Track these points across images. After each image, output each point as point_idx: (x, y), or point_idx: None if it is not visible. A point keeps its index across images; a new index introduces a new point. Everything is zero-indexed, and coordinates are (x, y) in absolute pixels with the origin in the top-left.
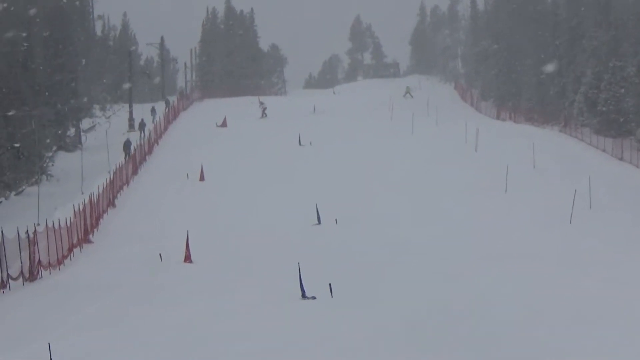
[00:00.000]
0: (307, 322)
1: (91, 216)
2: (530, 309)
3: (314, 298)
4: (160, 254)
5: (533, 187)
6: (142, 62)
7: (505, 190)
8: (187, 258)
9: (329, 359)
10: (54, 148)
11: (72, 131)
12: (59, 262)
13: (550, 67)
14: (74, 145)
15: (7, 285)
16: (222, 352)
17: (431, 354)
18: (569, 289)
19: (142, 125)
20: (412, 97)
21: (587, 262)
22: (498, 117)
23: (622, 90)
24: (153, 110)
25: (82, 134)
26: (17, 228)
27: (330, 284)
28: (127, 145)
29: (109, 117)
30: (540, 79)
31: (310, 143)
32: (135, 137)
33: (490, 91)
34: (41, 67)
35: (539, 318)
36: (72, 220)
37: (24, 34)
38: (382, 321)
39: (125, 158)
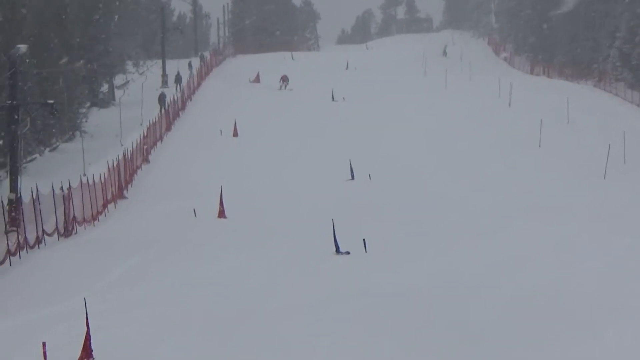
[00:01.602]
0: (341, 277)
1: (125, 172)
2: (563, 266)
3: (348, 253)
4: (194, 210)
5: (567, 142)
6: (174, 18)
7: (539, 145)
8: (221, 214)
9: (363, 314)
10: (88, 104)
11: (105, 87)
12: (94, 218)
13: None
14: (107, 101)
15: (43, 241)
16: (255, 307)
17: (465, 308)
18: (600, 246)
19: (178, 79)
20: (447, 55)
21: (621, 217)
22: (531, 72)
23: None
24: (190, 65)
25: (115, 89)
26: (52, 184)
27: (364, 239)
28: (161, 98)
29: (142, 73)
30: (573, 34)
31: (344, 99)
32: (170, 92)
33: (524, 46)
34: (74, 24)
35: (571, 277)
36: (106, 176)
37: None
38: (417, 276)
39: (160, 111)
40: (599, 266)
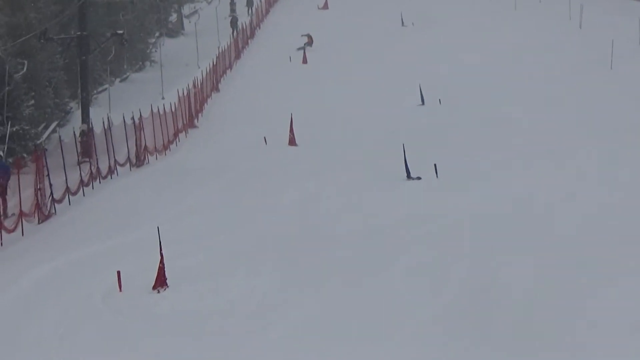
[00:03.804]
0: (414, 201)
1: (195, 101)
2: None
3: (419, 178)
4: (264, 138)
5: (638, 64)
6: None
7: (611, 67)
8: (292, 141)
9: (437, 236)
10: (157, 34)
11: (174, 17)
12: (165, 148)
13: None
14: (177, 30)
15: (115, 171)
16: (329, 231)
17: (540, 230)
18: None
19: (250, 2)
20: None
21: None
22: None
23: None
24: None
25: (183, 19)
26: (123, 114)
27: (435, 164)
28: (234, 21)
29: (210, 2)
30: None
31: (413, 24)
32: (241, 18)
33: None
34: None
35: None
36: (177, 105)
37: None
38: (489, 200)
39: (232, 34)
40: None
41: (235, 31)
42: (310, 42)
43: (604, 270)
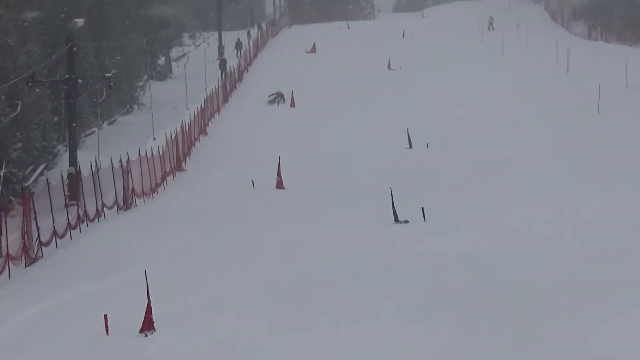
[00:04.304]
0: (401, 245)
1: (183, 144)
2: (623, 232)
3: (406, 222)
4: (252, 181)
5: (626, 108)
6: None
7: (598, 112)
8: (279, 184)
9: (423, 281)
10: (145, 77)
11: (162, 60)
12: (153, 191)
13: None
14: (165, 74)
15: (102, 214)
16: (316, 275)
17: (527, 272)
18: None
19: (238, 45)
20: (493, 29)
21: None
22: (589, 37)
23: None
24: (248, 34)
25: (172, 62)
26: (111, 157)
27: (422, 208)
28: (222, 63)
29: (198, 46)
30: None
31: (400, 67)
32: (230, 61)
33: (581, 11)
34: None
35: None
36: (164, 148)
37: None
38: (477, 243)
39: (221, 75)
40: None
41: (224, 73)
42: (280, 97)
43: (595, 312)
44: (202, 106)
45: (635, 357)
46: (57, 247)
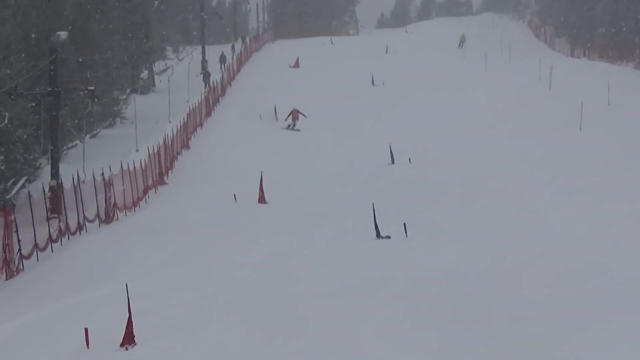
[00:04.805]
0: (382, 261)
1: (166, 158)
2: (606, 247)
3: (388, 237)
4: (234, 195)
5: (608, 125)
6: (213, 4)
7: (580, 129)
8: (261, 199)
9: (403, 298)
10: (128, 91)
11: (145, 74)
12: (135, 204)
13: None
14: (147, 87)
15: (84, 228)
16: (297, 290)
17: (507, 290)
18: None
19: (222, 59)
20: (463, 47)
21: None
22: (572, 55)
23: None
24: (233, 48)
25: (155, 76)
26: (93, 171)
27: (404, 224)
28: (206, 76)
29: (181, 59)
30: (615, 15)
31: (383, 83)
32: (214, 74)
33: (564, 28)
34: (114, 9)
35: (616, 258)
36: (146, 162)
37: None
38: (457, 259)
39: (205, 88)
40: None
41: (207, 86)
42: (296, 117)
43: (575, 328)
44: (185, 120)
45: None
46: (38, 260)
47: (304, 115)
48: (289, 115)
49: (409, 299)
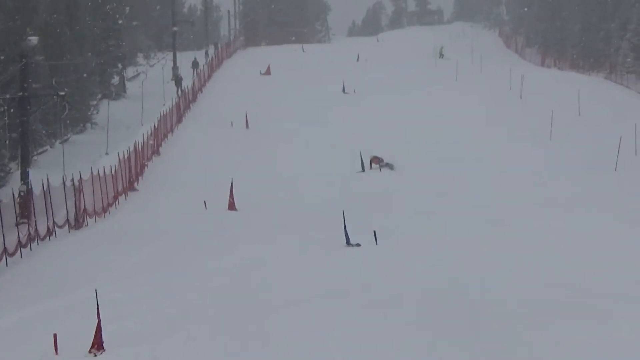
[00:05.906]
0: (351, 269)
1: (136, 164)
2: (574, 257)
3: (358, 245)
4: (204, 202)
5: (578, 134)
6: (185, 10)
7: (550, 138)
8: (231, 205)
9: (372, 306)
10: (99, 96)
11: (116, 79)
12: (104, 210)
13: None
14: (118, 93)
15: (53, 233)
16: (266, 298)
17: (476, 300)
18: (612, 237)
19: (195, 64)
20: (442, 57)
21: (632, 209)
22: (543, 64)
23: None
24: (206, 54)
25: (126, 82)
26: (63, 176)
27: (374, 231)
28: (178, 80)
29: (152, 66)
30: (585, 26)
31: (354, 91)
32: (186, 79)
33: (535, 38)
34: (85, 15)
35: (582, 268)
36: (117, 168)
37: None
38: (427, 268)
39: (177, 92)
40: (610, 257)
41: (180, 89)
42: (378, 161)
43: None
44: (156, 126)
45: None
46: (7, 266)
47: (381, 160)
48: (371, 163)
49: (379, 308)
